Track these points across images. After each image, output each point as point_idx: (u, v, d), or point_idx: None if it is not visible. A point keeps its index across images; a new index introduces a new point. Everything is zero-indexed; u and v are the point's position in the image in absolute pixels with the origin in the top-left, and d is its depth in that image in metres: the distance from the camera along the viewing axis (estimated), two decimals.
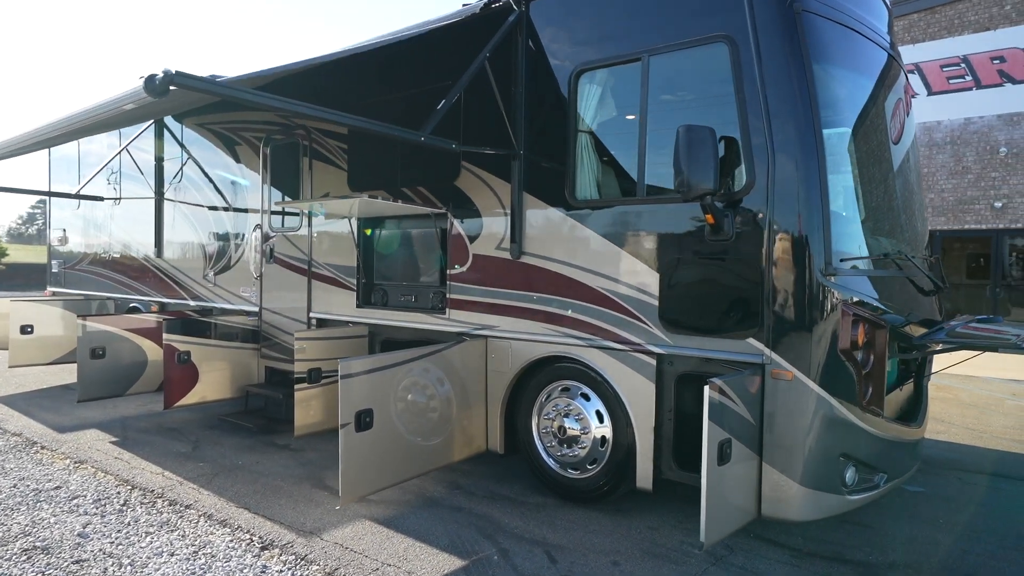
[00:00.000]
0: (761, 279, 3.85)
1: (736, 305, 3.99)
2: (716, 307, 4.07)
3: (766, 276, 3.83)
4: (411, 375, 4.65)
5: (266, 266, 7.24)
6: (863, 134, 4.11)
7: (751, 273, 3.91)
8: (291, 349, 6.77)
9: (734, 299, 4.00)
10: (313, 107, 4.09)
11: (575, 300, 4.69)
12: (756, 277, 3.88)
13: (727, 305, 4.03)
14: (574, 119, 4.73)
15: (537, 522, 4.51)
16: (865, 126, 4.17)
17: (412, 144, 5.72)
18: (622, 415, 4.52)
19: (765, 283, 3.84)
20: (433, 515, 4.60)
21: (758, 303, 3.87)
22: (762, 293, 3.85)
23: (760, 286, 3.86)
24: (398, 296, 6.01)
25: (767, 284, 3.83)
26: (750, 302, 3.92)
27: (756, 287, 3.88)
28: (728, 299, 4.03)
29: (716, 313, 4.07)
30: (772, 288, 3.81)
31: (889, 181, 4.47)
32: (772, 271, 3.81)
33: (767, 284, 3.83)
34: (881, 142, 4.40)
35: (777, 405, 3.81)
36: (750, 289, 3.91)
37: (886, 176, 4.40)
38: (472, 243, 5.33)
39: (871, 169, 4.22)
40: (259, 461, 5.78)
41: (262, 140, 7.28)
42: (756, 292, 3.88)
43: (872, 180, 4.18)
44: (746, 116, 3.90)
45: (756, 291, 3.88)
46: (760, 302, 3.86)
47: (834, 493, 3.85)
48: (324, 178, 6.60)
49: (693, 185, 3.73)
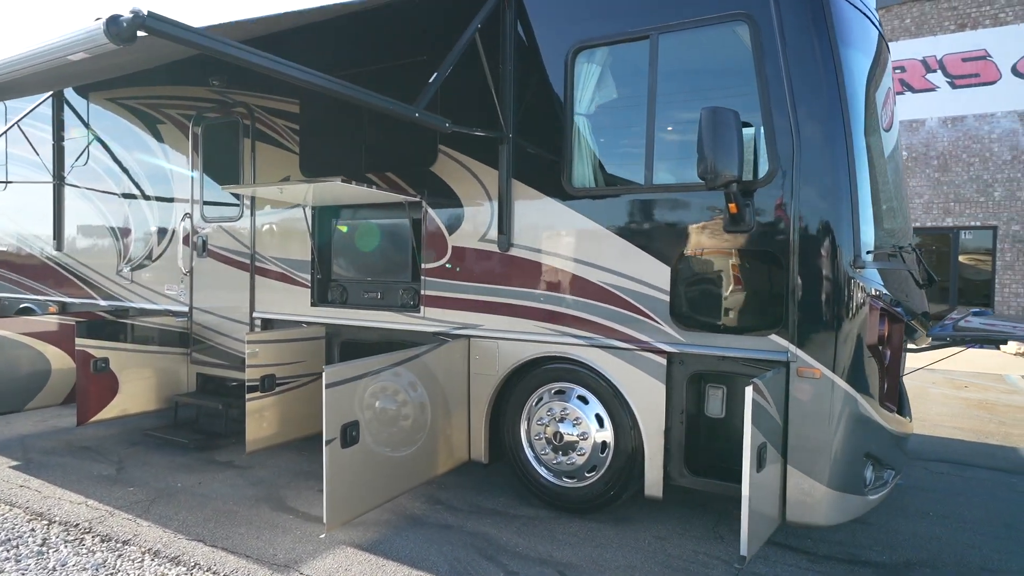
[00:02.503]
0: (786, 272, 3.66)
1: (757, 300, 3.79)
2: (735, 302, 3.85)
3: (791, 269, 3.64)
4: (397, 381, 4.15)
5: (197, 261, 6.43)
6: (873, 123, 4.02)
7: (774, 266, 3.71)
8: (229, 353, 6.07)
9: (755, 294, 3.80)
10: (327, 78, 3.48)
11: (573, 296, 4.35)
12: (780, 270, 3.68)
13: (747, 300, 3.82)
14: (571, 101, 4.39)
15: (538, 537, 4.14)
16: (874, 115, 4.09)
17: (380, 124, 5.21)
18: (626, 419, 4.23)
19: (790, 277, 3.64)
20: (422, 536, 4.12)
21: (782, 298, 3.68)
22: (787, 287, 3.66)
23: (785, 280, 3.67)
24: (361, 293, 5.45)
25: (792, 278, 3.64)
26: (773, 297, 3.72)
27: (780, 281, 3.69)
28: (748, 294, 3.82)
29: (735, 309, 3.85)
30: (798, 282, 3.62)
31: (890, 172, 4.43)
32: (798, 264, 3.63)
33: (792, 278, 3.64)
34: (885, 131, 4.34)
35: (803, 404, 3.63)
36: (773, 283, 3.72)
37: (887, 166, 4.35)
38: (451, 235, 4.87)
39: (879, 159, 4.14)
40: (201, 482, 5.06)
41: (192, 119, 6.46)
42: (780, 286, 3.69)
43: (879, 170, 4.10)
44: (768, 101, 3.70)
45: (780, 285, 3.69)
46: (785, 297, 3.67)
47: (857, 494, 3.72)
48: (270, 162, 5.91)
49: (720, 172, 3.48)
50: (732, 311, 3.86)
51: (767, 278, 3.75)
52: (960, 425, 7.34)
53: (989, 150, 15.08)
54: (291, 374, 5.32)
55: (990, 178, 15.09)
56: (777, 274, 3.70)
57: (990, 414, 7.94)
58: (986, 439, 6.77)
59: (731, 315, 3.86)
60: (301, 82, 3.37)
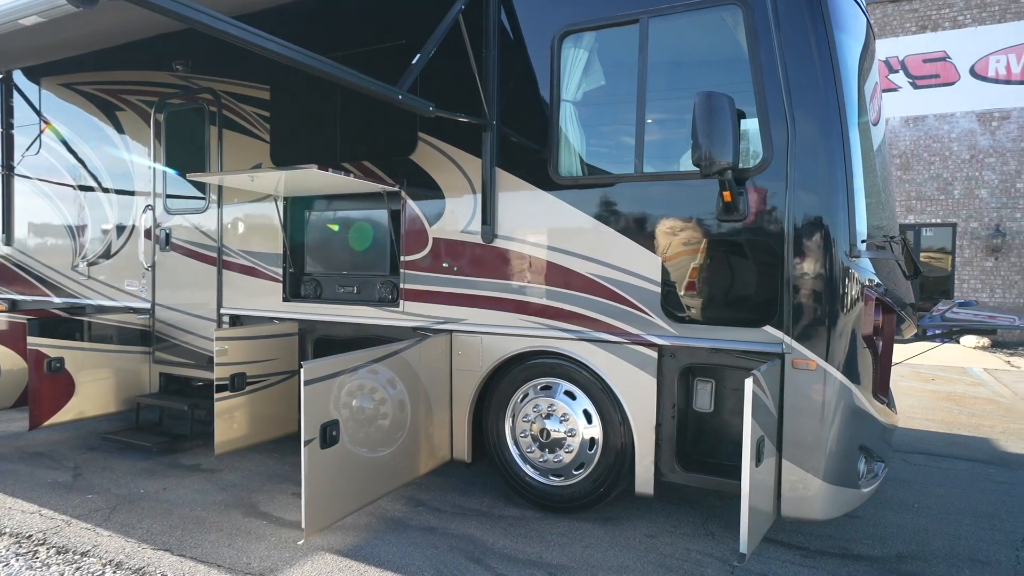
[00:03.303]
0: (780, 262, 3.58)
1: (751, 291, 3.70)
2: (728, 293, 3.77)
3: (786, 259, 3.56)
4: (377, 378, 3.96)
5: (160, 254, 6.11)
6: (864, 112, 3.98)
7: (769, 256, 3.63)
8: (195, 352, 5.78)
9: (749, 284, 3.71)
10: (307, 53, 3.24)
11: (560, 288, 4.21)
12: (774, 260, 3.61)
13: (741, 291, 3.74)
14: (557, 87, 4.25)
15: (526, 539, 3.99)
16: (865, 103, 4.05)
17: (356, 111, 5.00)
18: (615, 414, 4.11)
19: (785, 267, 3.57)
20: (405, 540, 3.94)
21: (776, 288, 3.60)
22: (781, 277, 3.58)
23: (779, 270, 3.59)
24: (335, 287, 5.23)
25: (787, 268, 3.56)
26: (767, 287, 3.64)
27: (774, 271, 3.61)
28: (742, 284, 3.73)
29: (728, 300, 3.76)
30: (793, 272, 3.55)
31: (879, 163, 4.40)
32: (793, 254, 3.55)
33: (787, 268, 3.56)
34: (873, 125, 4.31)
35: (799, 396, 3.56)
36: (767, 273, 3.64)
37: (876, 157, 4.32)
38: (432, 225, 4.69)
39: (869, 148, 4.11)
40: (166, 487, 4.78)
41: (154, 105, 6.14)
42: (774, 276, 3.61)
43: (870, 160, 4.06)
44: (763, 87, 3.62)
45: (774, 275, 3.61)
46: (779, 287, 3.59)
47: (852, 487, 3.67)
48: (238, 151, 5.63)
49: (714, 159, 3.38)
50: (725, 302, 3.77)
51: (761, 268, 3.67)
52: (932, 417, 7.44)
53: (949, 149, 15.47)
54: (262, 372, 5.07)
55: (950, 176, 15.48)
56: (771, 264, 3.62)
57: (959, 406, 8.08)
58: (958, 430, 6.86)
59: (724, 306, 3.77)
60: (278, 56, 3.16)
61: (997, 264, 15.10)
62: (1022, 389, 9.40)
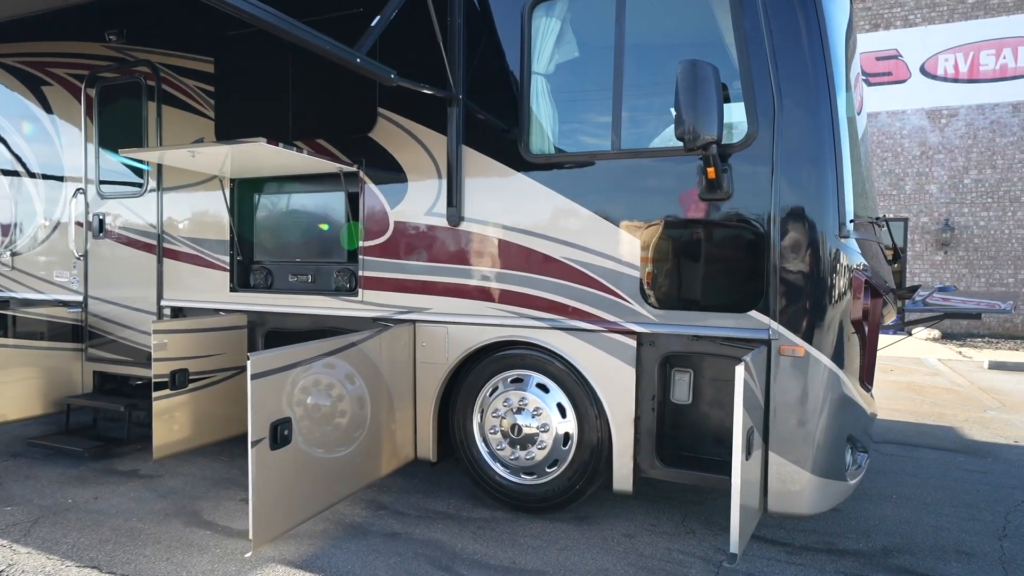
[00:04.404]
0: (766, 244, 3.39)
1: (735, 274, 3.50)
2: (711, 277, 3.56)
3: (772, 240, 3.37)
4: (335, 372, 3.62)
5: (93, 242, 5.60)
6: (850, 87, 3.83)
7: (754, 237, 3.43)
8: (132, 348, 5.32)
9: (733, 267, 3.51)
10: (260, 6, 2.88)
11: (532, 274, 3.94)
12: (760, 241, 3.41)
13: (725, 274, 3.53)
14: (528, 59, 3.97)
15: (497, 542, 3.71)
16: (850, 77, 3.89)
17: (310, 85, 4.64)
18: (591, 407, 3.87)
19: (771, 248, 3.37)
20: (366, 547, 3.61)
21: (762, 271, 3.40)
22: (767, 259, 3.38)
23: (765, 251, 3.39)
24: (287, 276, 4.85)
25: (773, 249, 3.37)
26: (752, 270, 3.44)
27: (760, 253, 3.41)
28: (726, 267, 3.53)
29: (711, 284, 3.56)
30: (780, 253, 3.36)
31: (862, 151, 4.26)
32: (780, 234, 3.36)
33: (773, 249, 3.37)
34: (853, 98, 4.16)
35: (786, 385, 3.37)
36: (752, 255, 3.44)
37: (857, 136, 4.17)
38: (394, 208, 4.36)
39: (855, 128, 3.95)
40: (98, 496, 4.33)
41: (84, 79, 5.62)
42: (760, 258, 3.41)
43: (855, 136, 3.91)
44: (747, 57, 3.41)
45: (760, 257, 3.41)
46: (765, 270, 3.39)
47: (840, 480, 3.50)
48: (180, 129, 5.18)
49: (699, 132, 3.16)
50: (708, 287, 3.56)
51: (746, 250, 3.47)
52: (896, 407, 7.45)
53: (900, 145, 15.80)
54: (207, 368, 4.66)
55: (901, 172, 15.81)
56: (757, 245, 3.42)
57: (920, 396, 8.13)
58: (923, 419, 6.87)
59: (707, 291, 3.56)
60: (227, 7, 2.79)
61: (946, 258, 15.49)
62: (977, 378, 9.56)
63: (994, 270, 15.18)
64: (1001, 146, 15.08)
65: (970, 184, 15.34)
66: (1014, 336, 14.93)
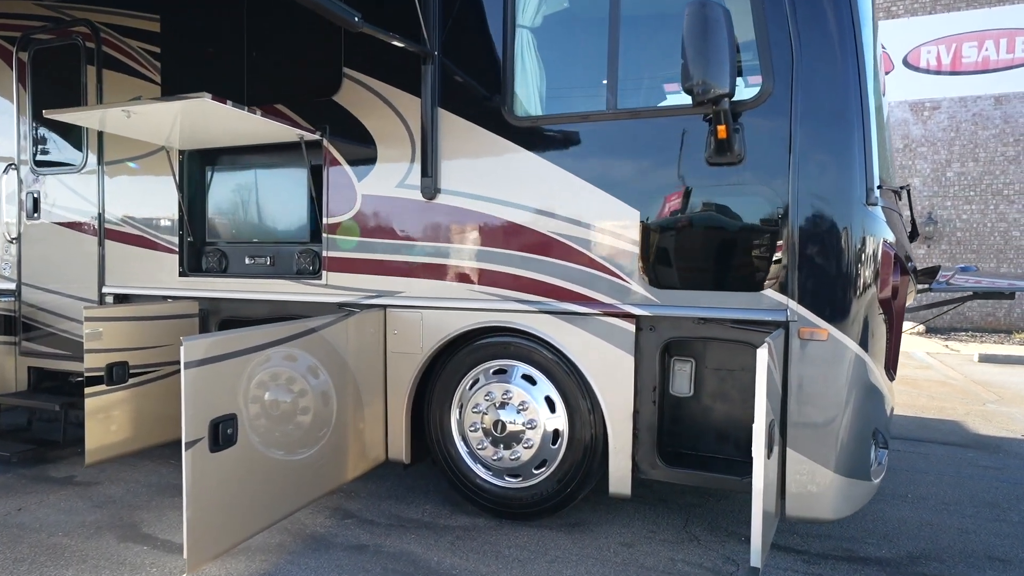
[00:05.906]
0: (783, 214, 2.99)
1: (748, 248, 3.09)
2: (721, 252, 3.15)
3: (791, 210, 2.97)
4: (288, 362, 3.14)
5: (27, 224, 5.04)
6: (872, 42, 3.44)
7: (769, 207, 3.03)
8: (71, 341, 4.79)
9: (745, 241, 3.10)
10: None
11: (517, 251, 3.50)
12: (776, 212, 3.01)
13: (736, 249, 3.12)
14: (512, 10, 3.53)
15: (478, 555, 3.27)
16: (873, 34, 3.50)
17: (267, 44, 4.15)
18: (583, 401, 3.44)
19: (789, 219, 2.97)
20: (328, 562, 3.14)
21: (779, 245, 3.00)
22: (785, 232, 2.98)
23: (782, 223, 2.99)
24: (243, 259, 4.35)
25: (792, 220, 2.97)
26: (768, 244, 3.03)
27: (776, 225, 3.01)
28: (737, 241, 3.12)
29: (720, 259, 3.15)
30: (799, 225, 2.96)
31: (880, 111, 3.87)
32: (799, 202, 2.96)
33: (792, 220, 2.97)
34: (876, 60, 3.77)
35: (807, 372, 2.97)
36: (767, 227, 3.03)
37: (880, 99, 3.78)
38: (361, 180, 3.90)
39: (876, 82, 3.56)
40: (23, 507, 3.80)
41: (16, 42, 5.05)
42: (776, 231, 3.01)
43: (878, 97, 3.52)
44: (762, 3, 3.01)
45: (776, 230, 3.01)
46: (782, 244, 2.99)
47: (864, 479, 3.11)
48: (123, 95, 4.64)
49: (709, 84, 2.75)
50: (718, 262, 3.15)
51: (760, 222, 3.06)
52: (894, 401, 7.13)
53: None
54: (151, 362, 4.15)
55: None
56: (772, 216, 3.02)
57: (917, 390, 7.85)
58: (924, 414, 6.57)
59: (717, 267, 3.15)
60: None
61: (929, 251, 15.36)
62: (969, 371, 9.34)
63: (976, 263, 15.08)
64: (983, 139, 14.98)
65: (953, 177, 15.23)
66: (997, 330, 14.84)
